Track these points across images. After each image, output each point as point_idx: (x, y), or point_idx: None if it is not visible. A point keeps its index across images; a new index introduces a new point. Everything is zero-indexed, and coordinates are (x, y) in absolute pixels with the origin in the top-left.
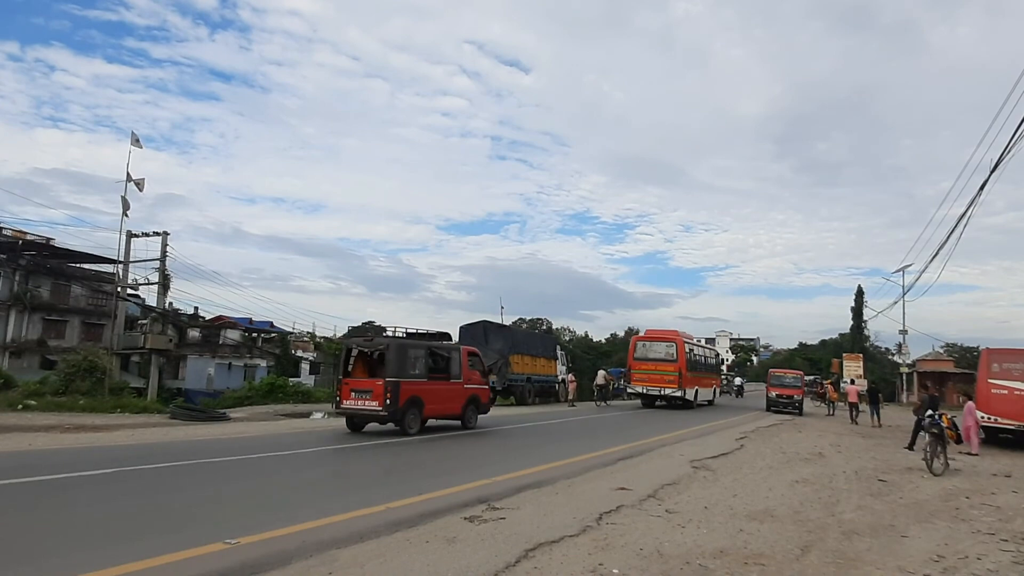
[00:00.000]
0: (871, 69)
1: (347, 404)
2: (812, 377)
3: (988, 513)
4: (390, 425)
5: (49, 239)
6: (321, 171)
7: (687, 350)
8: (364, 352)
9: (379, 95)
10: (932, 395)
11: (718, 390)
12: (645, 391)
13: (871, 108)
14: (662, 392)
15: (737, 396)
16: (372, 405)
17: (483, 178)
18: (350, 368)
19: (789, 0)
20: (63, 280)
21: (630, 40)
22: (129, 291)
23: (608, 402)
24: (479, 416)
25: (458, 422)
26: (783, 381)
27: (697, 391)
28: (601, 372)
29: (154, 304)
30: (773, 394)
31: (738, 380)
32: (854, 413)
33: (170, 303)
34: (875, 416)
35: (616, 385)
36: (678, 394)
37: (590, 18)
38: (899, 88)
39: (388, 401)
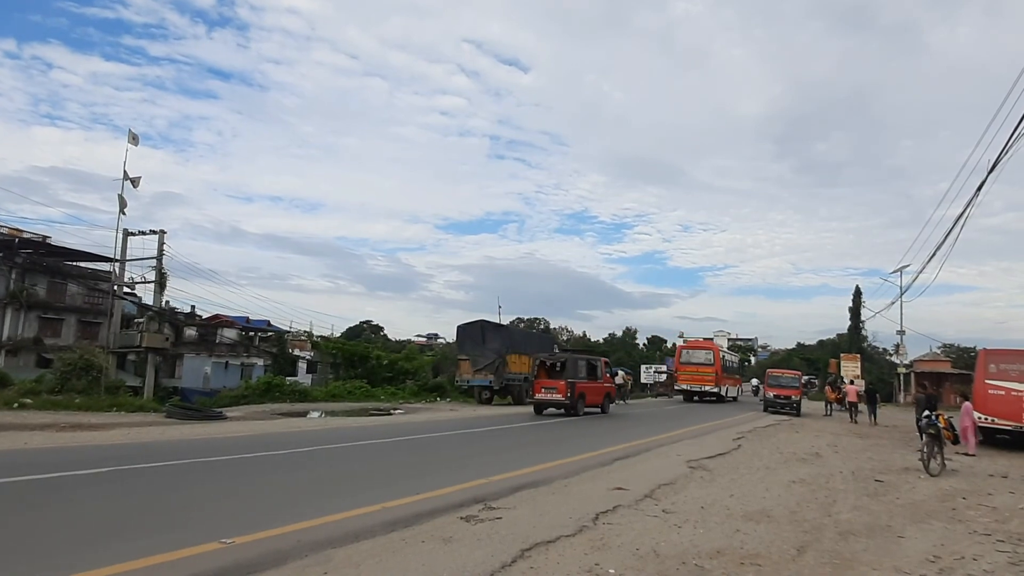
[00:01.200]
0: (871, 69)
1: (539, 396)
2: (832, 377)
3: (984, 514)
4: (377, 423)
5: (46, 237)
6: (319, 170)
7: (721, 356)
8: (544, 362)
9: (378, 94)
10: (929, 395)
11: (741, 388)
12: (689, 388)
13: (871, 108)
14: (702, 389)
15: (755, 395)
16: (557, 397)
17: (482, 177)
18: (537, 373)
19: (789, 0)
20: (59, 278)
21: (630, 40)
22: (125, 290)
23: (626, 400)
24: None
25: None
26: (780, 381)
27: (727, 388)
28: (620, 372)
29: (151, 303)
30: (771, 394)
31: (755, 381)
32: (854, 413)
33: (166, 302)
34: (872, 416)
35: None
36: (715, 391)
37: (590, 17)
38: (898, 88)
39: (568, 394)
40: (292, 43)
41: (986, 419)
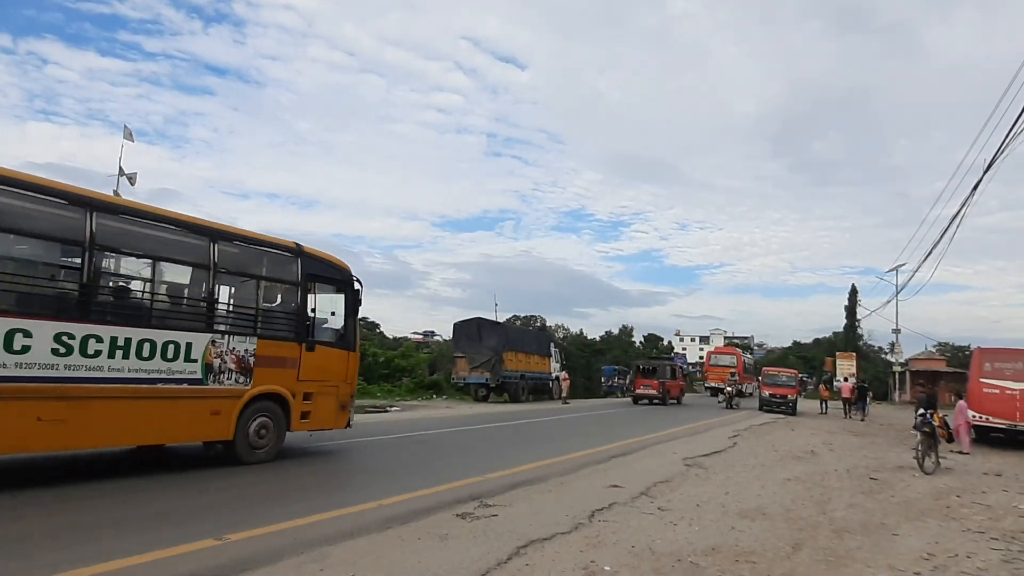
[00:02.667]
0: (867, 69)
1: (638, 391)
2: (827, 375)
3: (978, 512)
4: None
5: None
6: (316, 167)
7: (743, 360)
8: (640, 366)
9: (374, 91)
10: (928, 394)
11: (756, 386)
12: (716, 386)
13: (867, 108)
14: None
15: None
16: (652, 392)
17: (478, 175)
18: (635, 375)
19: (786, 0)
20: None
21: (627, 38)
22: None
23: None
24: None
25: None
26: (777, 380)
27: (745, 386)
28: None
29: None
30: (766, 393)
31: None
32: (848, 408)
33: None
34: (861, 412)
35: (611, 383)
36: (739, 387)
37: (587, 15)
38: (894, 88)
39: (660, 390)
40: (288, 39)
41: (981, 417)
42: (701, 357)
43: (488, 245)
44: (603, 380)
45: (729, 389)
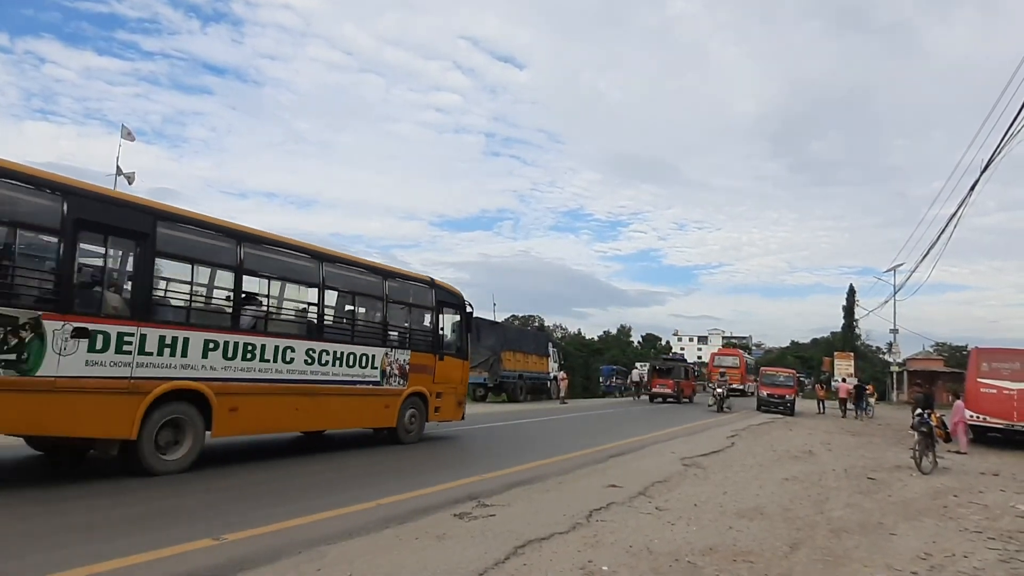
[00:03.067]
0: (866, 69)
1: (655, 390)
2: (825, 375)
3: (976, 511)
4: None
5: None
6: (314, 166)
7: (745, 361)
8: (656, 367)
9: (373, 90)
10: (925, 393)
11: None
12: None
13: (866, 108)
14: (732, 386)
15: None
16: (668, 391)
17: (477, 174)
18: (652, 375)
19: (786, 0)
20: None
21: (627, 38)
22: None
23: (639, 397)
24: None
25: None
26: (775, 380)
27: (747, 386)
28: (635, 370)
29: None
30: (764, 393)
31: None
32: (844, 408)
33: None
34: (858, 411)
35: (610, 383)
36: (740, 387)
37: (586, 15)
38: (893, 88)
39: (675, 389)
40: (287, 39)
41: (978, 417)
42: (699, 357)
43: (486, 245)
44: (601, 380)
45: (719, 391)
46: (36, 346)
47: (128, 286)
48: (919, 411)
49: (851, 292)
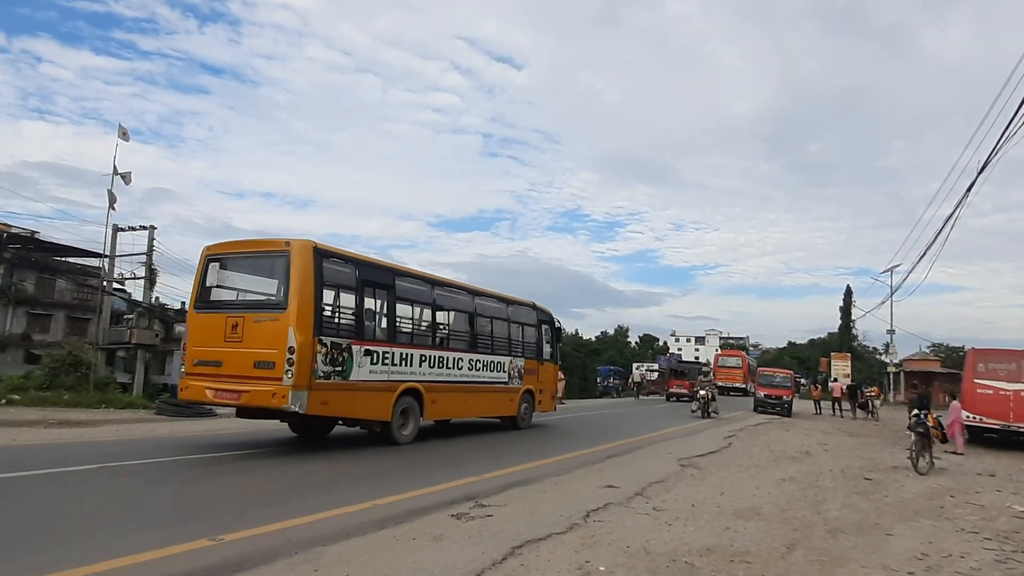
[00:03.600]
0: (862, 71)
1: (672, 390)
2: (822, 375)
3: (972, 512)
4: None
5: (34, 232)
6: (311, 166)
7: (747, 362)
8: (672, 369)
9: (370, 90)
10: (921, 394)
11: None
12: (724, 385)
13: (862, 109)
14: (733, 386)
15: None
16: (683, 391)
17: (474, 175)
18: (669, 376)
19: (782, 1)
20: (48, 274)
21: (623, 38)
22: (115, 286)
23: (640, 396)
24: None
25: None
26: (773, 381)
27: (750, 385)
28: (637, 371)
29: (140, 299)
30: (761, 394)
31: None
32: (838, 408)
33: (156, 298)
34: (854, 411)
35: (607, 383)
36: (742, 387)
37: (583, 16)
38: (889, 90)
39: (691, 390)
40: (284, 39)
41: (974, 418)
42: (696, 357)
43: (484, 245)
44: (599, 380)
45: (703, 393)
46: (349, 361)
47: (384, 321)
48: (916, 412)
49: (848, 293)
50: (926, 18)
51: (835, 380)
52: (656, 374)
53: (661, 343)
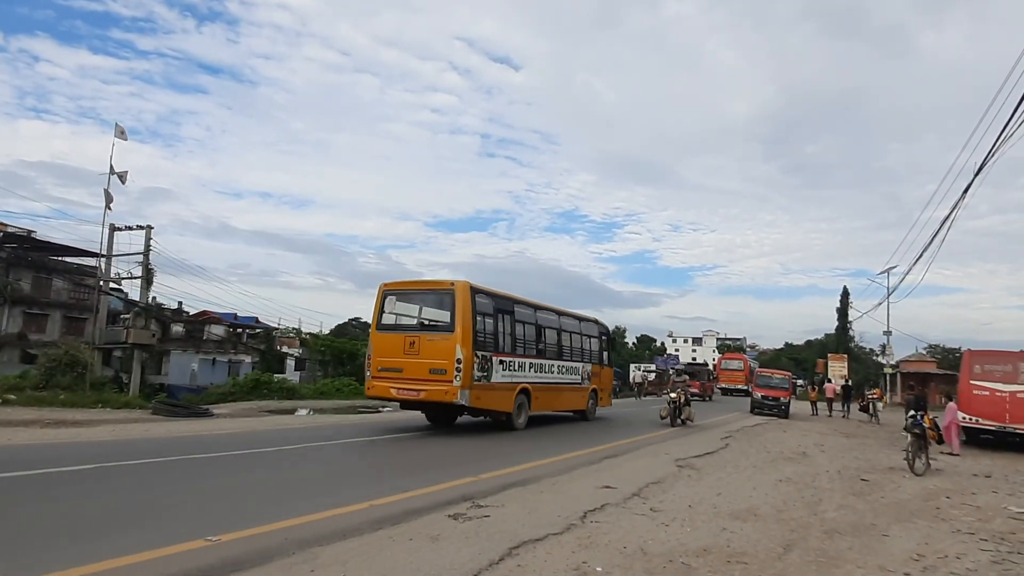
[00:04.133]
0: (860, 73)
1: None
2: (819, 376)
3: (968, 513)
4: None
5: (31, 231)
6: (309, 166)
7: (749, 364)
8: (684, 370)
9: (369, 90)
10: (918, 395)
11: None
12: (727, 386)
13: (859, 111)
14: (736, 387)
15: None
16: (695, 391)
17: (472, 175)
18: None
19: (780, 3)
20: (44, 273)
21: (622, 40)
22: (112, 285)
23: (643, 397)
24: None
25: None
26: (770, 382)
27: (751, 386)
28: (637, 372)
29: (137, 298)
30: (758, 395)
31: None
32: (830, 407)
33: (153, 298)
34: (847, 410)
35: None
36: (744, 388)
37: (582, 17)
38: (886, 92)
39: (701, 390)
40: (283, 38)
41: (970, 419)
42: (693, 359)
43: (481, 246)
44: None
45: (674, 396)
46: (491, 368)
47: (509, 338)
48: (912, 413)
49: (845, 294)
50: (923, 20)
51: (829, 381)
52: (653, 375)
53: (659, 344)
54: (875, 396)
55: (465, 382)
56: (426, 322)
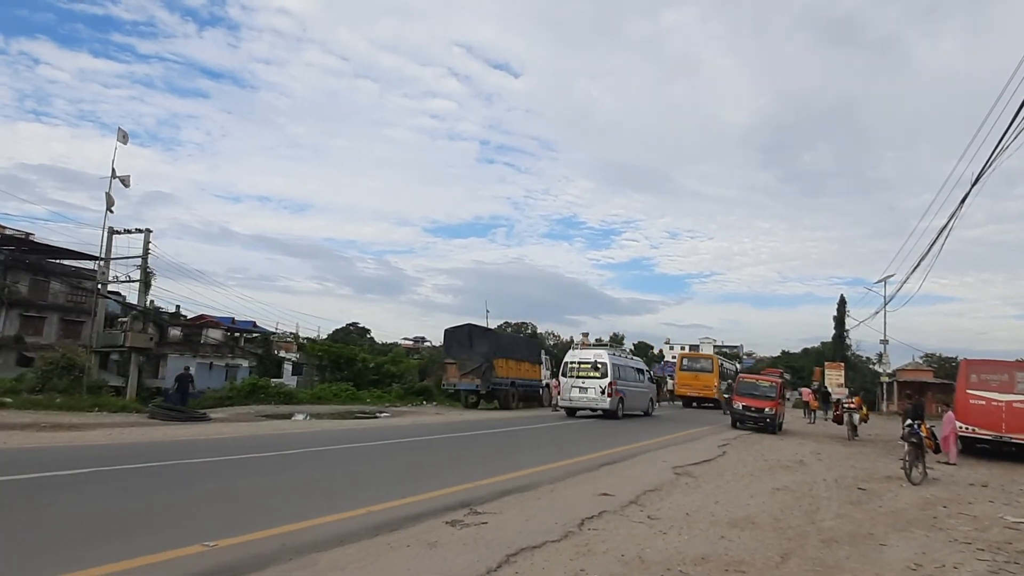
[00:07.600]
0: (856, 82)
1: (691, 393)
2: (816, 384)
3: (965, 522)
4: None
5: (29, 234)
6: (309, 171)
7: (719, 365)
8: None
9: (368, 96)
10: (915, 404)
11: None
12: (690, 397)
13: (855, 120)
14: (702, 397)
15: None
16: (707, 394)
17: (471, 181)
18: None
19: (777, 12)
20: (42, 276)
21: (620, 47)
22: (110, 288)
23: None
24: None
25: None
26: (755, 390)
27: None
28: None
29: (135, 302)
30: (739, 405)
31: None
32: (807, 413)
33: (151, 301)
34: (827, 413)
35: None
36: (713, 399)
37: (581, 24)
38: (882, 101)
39: (714, 392)
40: (283, 43)
41: (967, 428)
42: None
43: (480, 251)
44: None
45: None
46: (722, 389)
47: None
48: (909, 422)
49: (842, 302)
50: (919, 30)
51: (806, 387)
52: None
53: (656, 351)
54: (852, 406)
55: (718, 393)
56: (704, 368)
